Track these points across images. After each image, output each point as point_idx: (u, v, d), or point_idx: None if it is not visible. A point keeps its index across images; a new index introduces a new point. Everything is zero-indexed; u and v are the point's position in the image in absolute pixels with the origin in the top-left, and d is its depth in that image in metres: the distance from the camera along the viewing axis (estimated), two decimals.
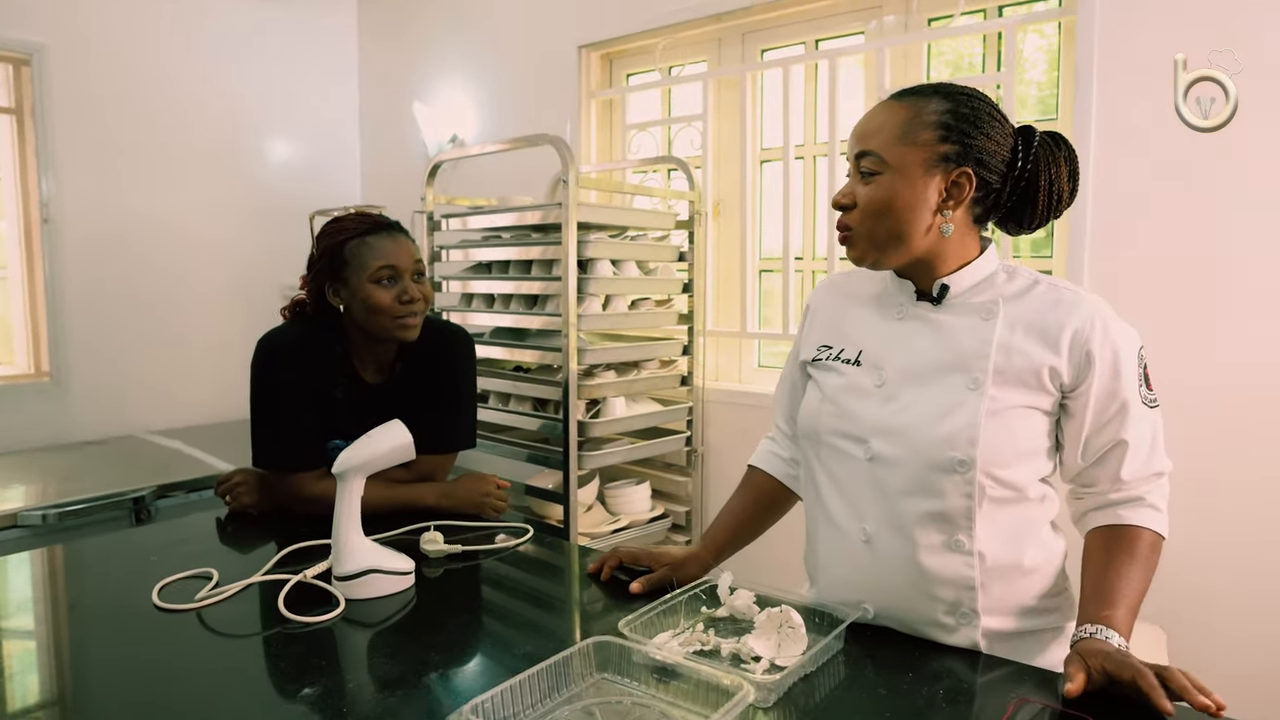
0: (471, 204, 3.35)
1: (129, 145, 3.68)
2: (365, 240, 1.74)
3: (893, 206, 1.21)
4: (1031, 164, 1.23)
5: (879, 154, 1.22)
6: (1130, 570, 1.18)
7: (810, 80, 3.02)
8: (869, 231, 1.24)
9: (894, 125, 1.22)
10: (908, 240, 1.23)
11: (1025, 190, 1.24)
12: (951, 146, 1.20)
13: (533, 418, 2.86)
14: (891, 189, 1.21)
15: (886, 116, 1.24)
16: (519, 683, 0.98)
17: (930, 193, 1.21)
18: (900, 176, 1.21)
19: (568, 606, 1.44)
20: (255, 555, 1.61)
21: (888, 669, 1.13)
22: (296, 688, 1.09)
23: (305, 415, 1.75)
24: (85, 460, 3.07)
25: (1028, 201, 1.25)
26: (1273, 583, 2.12)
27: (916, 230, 1.22)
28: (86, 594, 1.47)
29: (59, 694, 1.11)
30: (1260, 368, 2.12)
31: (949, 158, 1.20)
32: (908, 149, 1.21)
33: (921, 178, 1.20)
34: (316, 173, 4.37)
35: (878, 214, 1.23)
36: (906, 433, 1.23)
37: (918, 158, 1.20)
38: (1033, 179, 1.23)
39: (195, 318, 3.91)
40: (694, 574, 1.44)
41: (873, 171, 1.23)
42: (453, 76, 4.04)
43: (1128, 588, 1.16)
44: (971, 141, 1.20)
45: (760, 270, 3.20)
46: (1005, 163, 1.23)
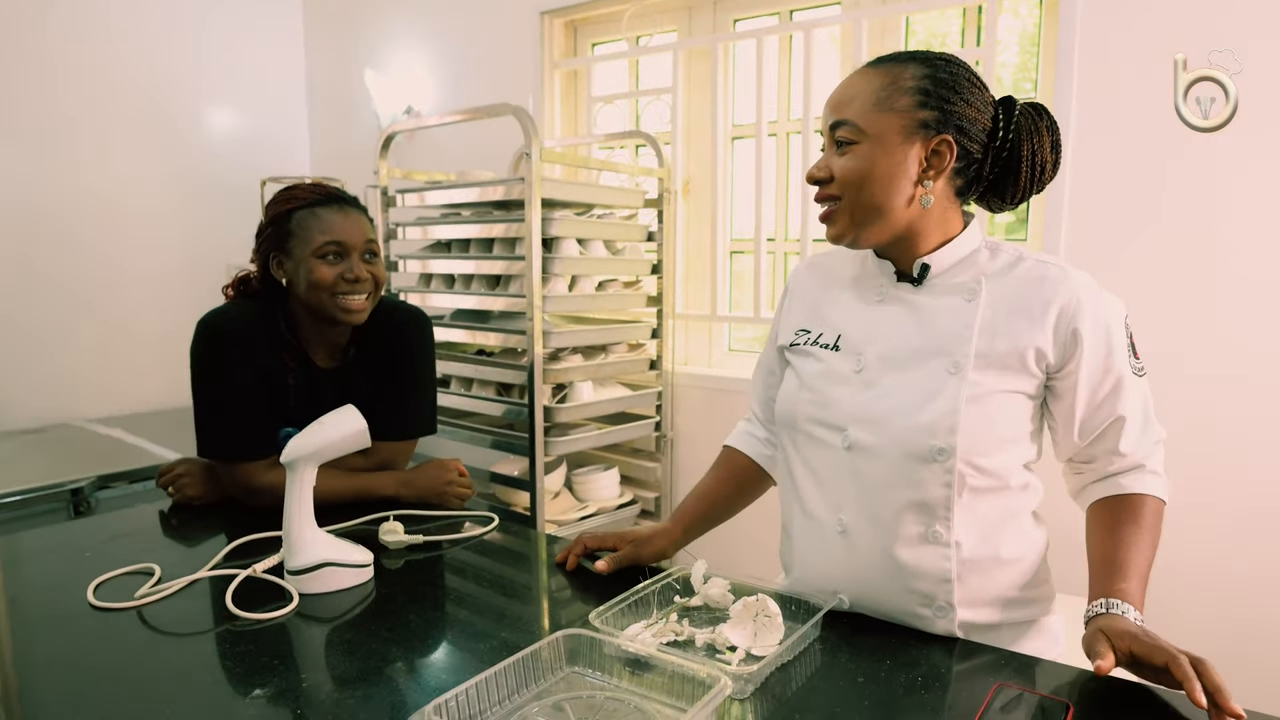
0: (428, 178, 3.25)
1: (59, 117, 3.48)
2: (314, 211, 1.65)
3: (871, 176, 1.17)
4: (1014, 133, 1.19)
5: (855, 122, 1.18)
6: (1138, 539, 1.15)
7: (784, 53, 2.95)
8: (848, 205, 1.20)
9: (870, 92, 1.18)
10: (888, 213, 1.19)
11: (1008, 161, 1.20)
12: (930, 113, 1.16)
13: (497, 403, 2.78)
14: (869, 158, 1.17)
15: (862, 84, 1.19)
16: (486, 679, 0.93)
17: (910, 162, 1.17)
18: (878, 145, 1.17)
19: (535, 596, 1.38)
20: (201, 549, 1.52)
21: (865, 656, 1.10)
22: (247, 689, 1.01)
23: (252, 401, 1.65)
24: (20, 449, 2.94)
25: (1010, 173, 1.21)
26: (1232, 564, 2.15)
27: (897, 202, 1.18)
28: (17, 592, 1.36)
29: None
30: (1234, 349, 2.13)
31: (928, 124, 1.16)
32: (885, 116, 1.16)
33: (900, 146, 1.16)
34: (262, 145, 4.17)
35: (857, 185, 1.18)
36: (885, 420, 1.20)
37: (895, 125, 1.16)
38: (1015, 149, 1.19)
39: (134, 299, 3.73)
40: (660, 549, 1.41)
41: (849, 141, 1.19)
42: (406, 43, 3.88)
43: (1138, 557, 1.13)
44: (951, 108, 1.16)
45: (731, 251, 3.14)
46: (986, 132, 1.19)
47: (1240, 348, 2.12)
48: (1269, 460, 2.10)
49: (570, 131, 3.49)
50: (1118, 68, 2.22)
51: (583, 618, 1.20)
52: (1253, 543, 2.13)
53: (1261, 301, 2.09)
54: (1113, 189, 2.26)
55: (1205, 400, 2.16)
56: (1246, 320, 2.11)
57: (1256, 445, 2.12)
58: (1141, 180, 2.22)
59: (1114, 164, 2.25)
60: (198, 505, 1.73)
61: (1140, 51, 2.19)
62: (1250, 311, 2.10)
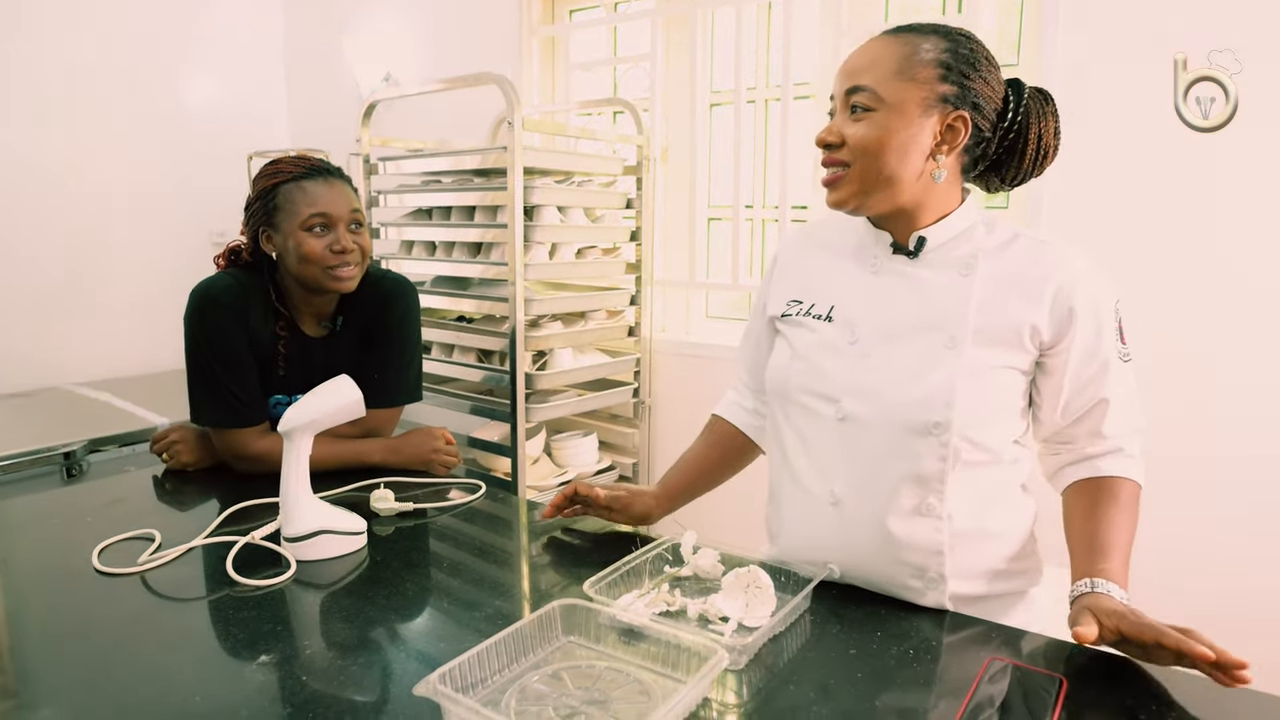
0: (408, 146, 3.23)
1: (41, 85, 3.46)
2: (300, 184, 1.65)
3: (887, 145, 1.16)
4: (1023, 115, 1.20)
5: (874, 89, 1.16)
6: (1119, 518, 1.17)
7: (764, 20, 2.95)
8: (859, 172, 1.19)
9: (890, 60, 1.17)
10: (896, 184, 1.18)
11: (1014, 142, 1.21)
12: (950, 88, 1.16)
13: (477, 369, 2.80)
14: (886, 127, 1.16)
15: (882, 50, 1.18)
16: (486, 648, 0.95)
17: (925, 135, 1.16)
18: (897, 114, 1.16)
19: (524, 564, 1.41)
20: (196, 515, 1.55)
21: (855, 628, 1.12)
22: (252, 654, 1.04)
23: (244, 369, 1.67)
24: (12, 413, 2.95)
25: (1015, 154, 1.22)
26: (1229, 554, 2.17)
27: (908, 174, 1.18)
28: (22, 556, 1.39)
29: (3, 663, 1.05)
30: (1233, 347, 2.14)
31: (947, 99, 1.16)
32: (905, 85, 1.15)
33: (919, 118, 1.16)
34: (242, 112, 4.17)
35: (871, 153, 1.17)
36: (880, 393, 1.20)
37: (916, 95, 1.15)
38: (1023, 130, 1.20)
39: (119, 264, 3.74)
40: (646, 510, 1.44)
41: (866, 107, 1.17)
42: (384, 9, 3.84)
43: (1119, 537, 1.15)
44: (970, 84, 1.16)
45: (710, 218, 3.16)
46: (997, 112, 1.20)
47: (1240, 346, 2.12)
48: (1271, 461, 2.12)
49: (547, 98, 3.47)
50: (1102, 41, 2.22)
51: (570, 584, 1.24)
52: (1250, 536, 2.15)
53: (1262, 302, 2.10)
54: (1093, 170, 2.26)
55: (1206, 399, 2.17)
56: (1246, 321, 2.11)
57: (1258, 444, 2.13)
58: (1121, 163, 2.22)
59: (1095, 142, 2.25)
60: (190, 471, 1.75)
61: (1128, 39, 2.18)
62: (1250, 312, 2.11)
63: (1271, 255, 2.08)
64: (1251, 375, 2.12)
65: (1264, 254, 2.08)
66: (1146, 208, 2.21)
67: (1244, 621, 1.97)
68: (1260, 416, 2.12)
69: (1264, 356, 2.10)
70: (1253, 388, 2.12)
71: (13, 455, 1.74)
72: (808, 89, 2.84)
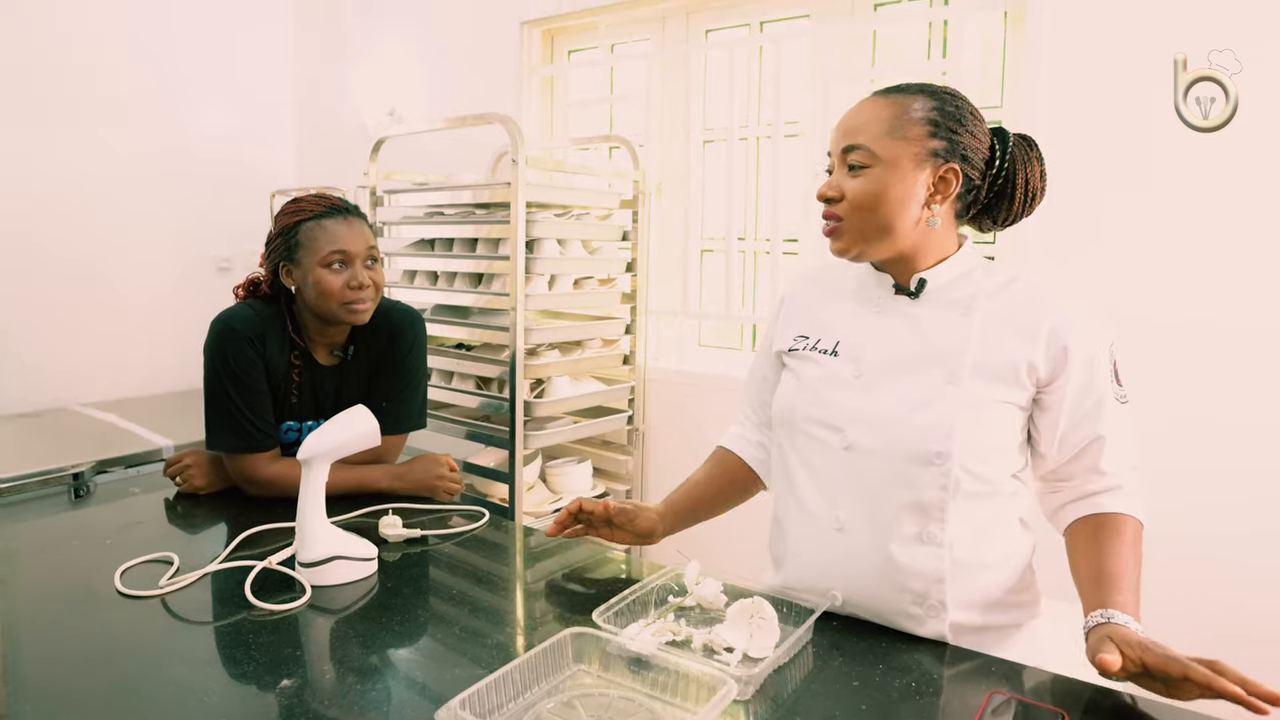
0: (412, 180, 3.30)
1: (57, 111, 3.55)
2: (320, 223, 1.71)
3: (884, 199, 1.24)
4: (1009, 162, 1.27)
5: (869, 147, 1.24)
6: (1126, 553, 1.18)
7: (755, 61, 3.04)
8: (859, 224, 1.26)
9: (882, 120, 1.25)
10: (895, 233, 1.26)
11: (1002, 187, 1.29)
12: (940, 143, 1.24)
13: (475, 396, 2.85)
14: (883, 182, 1.24)
15: (874, 111, 1.26)
16: (502, 676, 0.99)
17: (919, 187, 1.24)
18: (891, 170, 1.24)
19: (529, 592, 1.45)
20: (209, 538, 1.59)
21: (857, 660, 1.15)
22: (275, 678, 1.08)
23: (260, 397, 1.73)
24: (20, 433, 3.00)
25: (1004, 198, 1.29)
26: (1226, 579, 2.19)
27: (905, 223, 1.25)
28: (46, 577, 1.44)
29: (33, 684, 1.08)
30: (1231, 348, 2.16)
31: (937, 153, 1.24)
32: (897, 143, 1.24)
33: (912, 172, 1.24)
34: (250, 142, 4.28)
35: (868, 207, 1.25)
36: (884, 423, 1.25)
37: (908, 152, 1.23)
38: (1010, 176, 1.28)
39: (126, 290, 3.82)
40: (650, 527, 1.47)
41: (862, 165, 1.25)
42: (392, 49, 3.95)
43: (1128, 570, 1.16)
44: (957, 138, 1.24)
45: (703, 250, 3.23)
46: (985, 160, 1.28)
47: (1240, 345, 2.13)
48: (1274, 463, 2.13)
49: (546, 134, 3.56)
50: (1081, 80, 2.28)
51: (575, 613, 1.28)
52: (1249, 556, 2.16)
53: (1262, 301, 2.11)
54: (1094, 170, 2.29)
55: (1204, 399, 2.18)
56: (1246, 321, 2.13)
57: (1259, 445, 2.13)
58: (1121, 163, 2.25)
59: (1083, 174, 2.29)
60: (202, 495, 1.79)
61: (1104, 57, 2.24)
62: (1251, 313, 2.12)
63: (1272, 255, 2.10)
64: (1252, 375, 2.13)
65: (1264, 253, 2.11)
66: (1146, 208, 2.24)
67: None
68: (1261, 415, 2.13)
69: (1264, 356, 2.12)
70: (1254, 388, 2.13)
71: (22, 476, 1.77)
72: (798, 127, 2.92)
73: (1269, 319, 2.12)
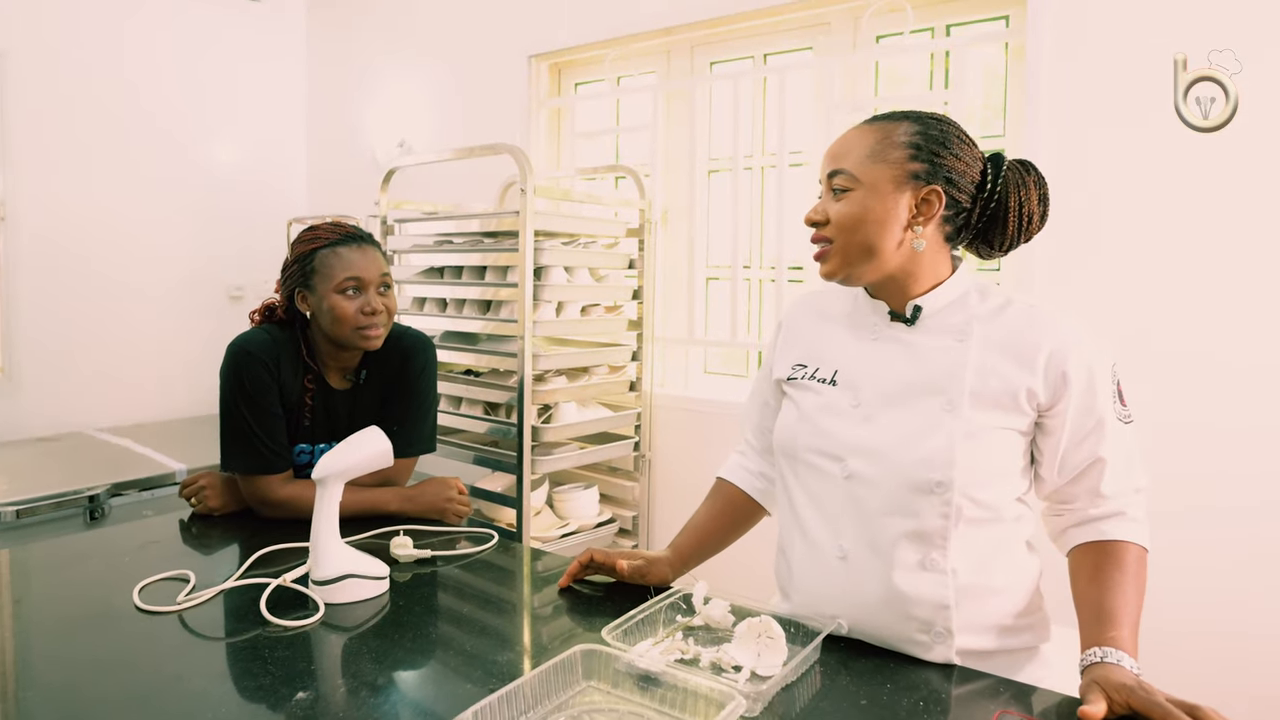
0: (421, 209, 3.35)
1: (83, 148, 3.70)
2: (335, 250, 1.75)
3: (864, 220, 1.26)
4: (1001, 186, 1.29)
5: (851, 172, 1.27)
6: (1125, 586, 1.19)
7: (759, 92, 3.10)
8: (842, 246, 1.29)
9: (865, 146, 1.28)
10: (879, 254, 1.27)
11: (995, 211, 1.29)
12: (921, 165, 1.25)
13: (483, 421, 2.88)
14: (863, 204, 1.26)
15: (858, 138, 1.30)
16: (513, 690, 1.01)
17: (900, 209, 1.26)
18: (871, 192, 1.26)
19: (538, 612, 1.47)
20: (223, 557, 1.62)
21: (865, 679, 1.16)
22: (290, 692, 1.10)
23: (274, 420, 1.76)
24: (38, 457, 3.07)
25: (997, 223, 1.30)
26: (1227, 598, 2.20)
27: (888, 244, 1.27)
28: (68, 592, 1.47)
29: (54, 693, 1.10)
30: (1235, 351, 2.17)
31: (918, 175, 1.25)
32: (878, 166, 1.26)
33: (892, 194, 1.26)
34: (263, 174, 4.39)
35: (850, 228, 1.27)
36: (884, 453, 1.26)
37: (888, 175, 1.26)
38: (1002, 200, 1.29)
39: (141, 316, 3.92)
40: (663, 576, 1.48)
41: (845, 189, 1.28)
42: (403, 82, 4.04)
43: (1127, 604, 1.16)
44: (940, 161, 1.26)
45: (708, 278, 3.27)
46: (975, 184, 1.29)
47: (1240, 344, 2.14)
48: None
49: (553, 164, 3.62)
50: (1080, 109, 2.32)
51: (582, 632, 1.30)
52: (1251, 570, 2.17)
53: (1263, 301, 2.12)
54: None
55: (1203, 398, 2.20)
56: (1247, 320, 2.14)
57: (1260, 444, 2.14)
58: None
59: (1085, 199, 2.32)
60: (216, 516, 1.82)
61: (1103, 87, 2.26)
62: (1251, 311, 2.13)
63: (1272, 254, 2.11)
64: (1254, 375, 2.15)
65: (1264, 253, 2.12)
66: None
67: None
68: (1259, 412, 2.14)
69: (1265, 355, 2.13)
70: (1255, 388, 2.14)
71: (40, 497, 1.81)
72: (801, 157, 2.97)
73: (1270, 320, 2.13)
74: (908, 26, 2.67)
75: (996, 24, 2.65)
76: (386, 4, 4.10)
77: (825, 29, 2.93)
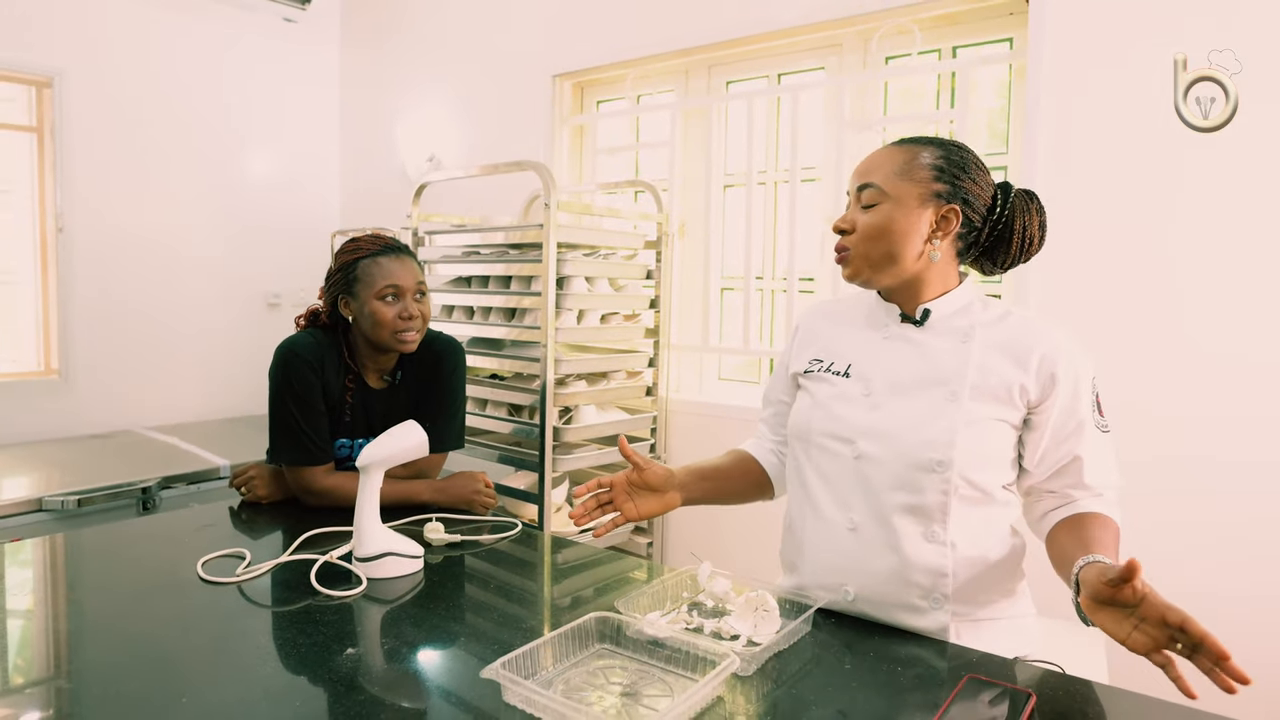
0: (450, 221, 3.52)
1: (135, 163, 3.95)
2: (376, 260, 1.91)
3: (889, 230, 1.40)
4: (1009, 210, 1.43)
5: (880, 186, 1.41)
6: (1105, 537, 1.27)
7: (773, 110, 3.23)
8: (865, 252, 1.42)
9: (894, 164, 1.42)
10: (899, 262, 1.40)
11: (1002, 233, 1.44)
12: (944, 186, 1.40)
13: (508, 422, 3.03)
14: (889, 216, 1.40)
15: (887, 156, 1.44)
16: (536, 647, 1.14)
17: (922, 223, 1.40)
18: (898, 206, 1.39)
19: (560, 588, 1.62)
20: (271, 540, 1.77)
21: (852, 649, 1.28)
22: (341, 646, 1.24)
23: (318, 415, 1.91)
24: (92, 452, 3.26)
25: (1003, 243, 1.45)
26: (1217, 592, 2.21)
27: (909, 254, 1.40)
28: (138, 566, 1.63)
29: (136, 655, 1.25)
30: (1202, 334, 2.23)
31: (940, 195, 1.40)
32: (905, 183, 1.40)
33: (916, 209, 1.40)
34: (299, 189, 4.62)
35: (875, 237, 1.41)
36: (891, 435, 1.39)
37: (914, 191, 1.40)
38: (1009, 223, 1.44)
39: (185, 322, 4.15)
40: (670, 504, 1.59)
41: (873, 202, 1.42)
42: (433, 100, 4.23)
43: (1108, 547, 1.24)
44: (960, 183, 1.40)
45: (722, 288, 3.41)
46: (986, 207, 1.44)
47: (1240, 343, 2.18)
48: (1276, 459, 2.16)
49: (575, 178, 3.78)
50: (1080, 129, 2.40)
51: (596, 606, 1.42)
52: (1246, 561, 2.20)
53: (1263, 300, 2.15)
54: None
55: (1202, 398, 2.23)
56: (1247, 319, 2.17)
57: (1261, 444, 2.18)
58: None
59: (1083, 216, 2.39)
60: (263, 504, 1.98)
61: (1103, 108, 2.33)
62: (1252, 311, 2.17)
63: (1272, 253, 2.16)
64: (1255, 375, 2.18)
65: (1265, 253, 2.16)
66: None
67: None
68: (1260, 413, 2.17)
69: (1267, 355, 2.17)
70: (1256, 388, 2.18)
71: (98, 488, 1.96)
72: (813, 172, 3.10)
73: (1272, 320, 2.17)
74: (916, 48, 2.79)
75: (1001, 46, 2.76)
76: (417, 26, 4.29)
77: (837, 50, 3.05)
